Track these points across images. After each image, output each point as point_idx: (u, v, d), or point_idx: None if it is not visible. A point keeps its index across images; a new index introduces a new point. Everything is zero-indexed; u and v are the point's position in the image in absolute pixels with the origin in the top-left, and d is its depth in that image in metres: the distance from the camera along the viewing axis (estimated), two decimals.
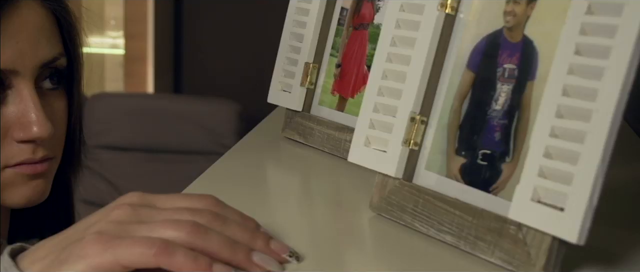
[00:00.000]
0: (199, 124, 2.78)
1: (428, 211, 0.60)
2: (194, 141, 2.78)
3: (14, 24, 0.71)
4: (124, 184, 2.74)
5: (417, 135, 0.63)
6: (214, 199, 0.55)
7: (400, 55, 0.64)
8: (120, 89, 3.09)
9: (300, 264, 0.54)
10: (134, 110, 2.80)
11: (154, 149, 2.80)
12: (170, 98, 3.01)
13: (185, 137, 2.78)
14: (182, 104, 2.88)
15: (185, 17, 3.11)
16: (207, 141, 2.77)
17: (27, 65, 0.72)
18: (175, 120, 2.79)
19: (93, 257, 0.50)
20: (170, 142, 2.79)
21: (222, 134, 2.77)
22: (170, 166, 2.78)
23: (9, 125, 0.72)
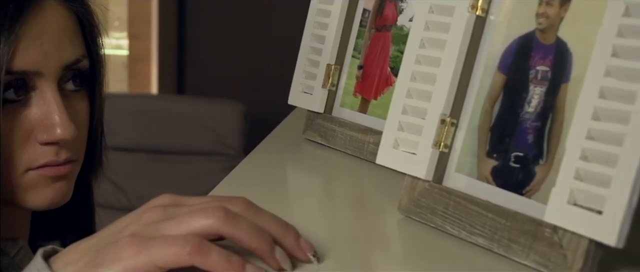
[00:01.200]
0: (203, 125, 2.77)
1: (459, 213, 0.60)
2: (197, 141, 2.77)
3: (38, 26, 0.71)
4: (127, 185, 2.73)
5: (447, 137, 0.63)
6: (246, 200, 0.54)
7: (429, 57, 0.64)
8: (124, 90, 3.08)
9: (330, 266, 0.54)
10: (137, 111, 2.79)
11: (158, 149, 2.79)
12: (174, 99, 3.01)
13: (189, 138, 2.78)
14: (186, 104, 2.87)
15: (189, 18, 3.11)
16: (211, 141, 2.77)
17: (50, 67, 0.72)
18: (179, 121, 2.78)
19: (128, 259, 0.50)
20: (174, 143, 2.79)
21: (226, 135, 2.77)
22: (174, 166, 2.77)
23: (32, 127, 0.72)
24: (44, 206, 0.75)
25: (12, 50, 0.69)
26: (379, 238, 0.64)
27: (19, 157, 0.72)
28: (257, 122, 2.87)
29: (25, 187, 0.73)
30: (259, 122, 2.88)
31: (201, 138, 2.76)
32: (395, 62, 0.80)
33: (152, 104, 2.87)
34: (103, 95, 0.80)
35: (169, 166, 2.77)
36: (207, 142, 2.76)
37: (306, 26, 0.88)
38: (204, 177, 2.74)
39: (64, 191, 0.76)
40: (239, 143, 2.77)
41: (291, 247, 0.53)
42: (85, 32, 0.77)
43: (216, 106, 2.82)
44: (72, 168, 0.76)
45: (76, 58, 0.75)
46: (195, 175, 2.74)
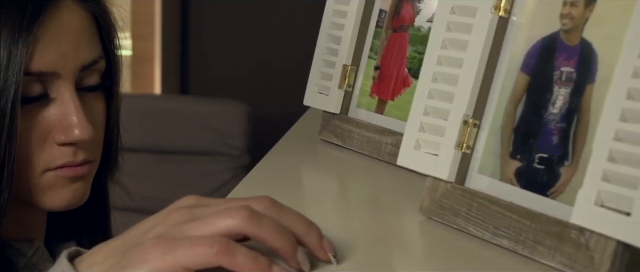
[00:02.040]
0: (207, 125, 2.77)
1: (482, 214, 0.60)
2: (202, 141, 2.77)
3: (56, 27, 0.71)
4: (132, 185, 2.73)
5: (469, 138, 0.63)
6: (270, 198, 0.54)
7: (451, 58, 0.64)
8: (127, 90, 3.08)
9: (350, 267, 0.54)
10: (141, 111, 2.79)
11: (162, 150, 2.79)
12: (178, 99, 3.00)
13: (193, 138, 2.78)
14: (190, 105, 2.87)
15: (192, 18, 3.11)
16: (215, 142, 2.77)
17: (68, 68, 0.72)
18: (183, 121, 2.78)
19: (154, 261, 0.50)
20: (178, 143, 2.78)
21: (230, 135, 2.77)
22: (178, 166, 2.77)
23: (50, 128, 0.72)
24: (61, 207, 0.75)
25: (30, 52, 0.69)
26: (400, 239, 0.64)
27: (36, 158, 0.72)
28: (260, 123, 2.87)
29: (43, 188, 0.73)
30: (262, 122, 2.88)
31: (205, 138, 2.76)
32: (412, 62, 0.80)
33: (156, 104, 2.86)
34: (119, 95, 0.80)
35: (172, 166, 2.77)
36: (210, 142, 2.76)
37: (322, 27, 0.88)
38: (208, 177, 2.74)
39: (82, 191, 0.76)
40: (242, 143, 2.77)
41: (314, 246, 0.53)
42: (102, 33, 0.77)
43: (220, 106, 2.81)
44: (90, 169, 0.76)
45: (93, 59, 0.74)
46: (199, 175, 2.74)
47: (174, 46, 3.15)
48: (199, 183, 2.73)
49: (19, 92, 0.68)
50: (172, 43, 3.12)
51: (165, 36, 3.05)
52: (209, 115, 2.78)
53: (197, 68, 3.14)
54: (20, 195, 0.72)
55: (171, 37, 3.11)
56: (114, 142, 0.81)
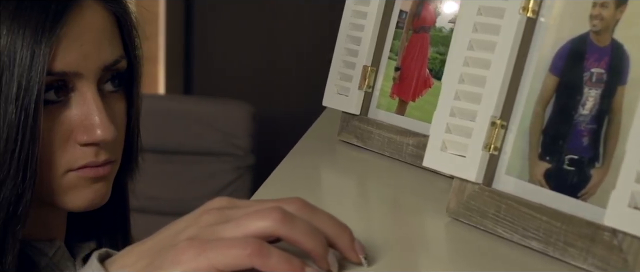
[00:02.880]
0: (212, 125, 2.77)
1: (511, 216, 0.60)
2: (206, 142, 2.77)
3: (78, 27, 0.71)
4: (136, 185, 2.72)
5: (497, 139, 0.63)
6: (302, 200, 0.54)
7: (478, 59, 0.64)
8: None
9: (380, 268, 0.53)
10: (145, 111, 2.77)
11: (166, 150, 2.79)
12: (183, 99, 3.00)
13: (198, 139, 2.77)
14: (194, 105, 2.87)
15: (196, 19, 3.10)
16: (220, 142, 2.77)
17: (90, 68, 0.72)
18: (187, 121, 2.78)
19: (188, 262, 0.50)
20: (183, 143, 2.78)
21: (235, 135, 2.77)
22: (183, 167, 2.77)
23: (72, 128, 0.72)
24: (83, 207, 0.75)
25: (53, 52, 0.68)
26: (428, 241, 0.63)
27: (59, 158, 0.72)
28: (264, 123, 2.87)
29: (65, 188, 0.73)
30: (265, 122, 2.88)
31: (209, 138, 2.76)
32: (433, 63, 0.79)
33: (160, 105, 2.86)
34: (140, 96, 0.80)
35: (176, 166, 2.77)
36: (215, 142, 2.76)
37: (341, 28, 0.88)
38: (213, 177, 2.74)
39: (103, 192, 0.76)
40: (247, 144, 2.77)
41: (345, 247, 0.53)
42: (124, 33, 0.76)
43: (225, 107, 2.81)
44: (111, 169, 0.76)
45: (115, 59, 0.74)
46: (204, 175, 2.74)
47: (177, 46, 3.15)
48: (204, 183, 2.73)
49: (42, 92, 0.68)
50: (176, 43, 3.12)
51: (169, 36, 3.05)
52: (213, 115, 2.78)
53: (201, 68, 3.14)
54: (42, 195, 0.72)
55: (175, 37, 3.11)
56: (134, 143, 0.81)
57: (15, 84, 0.67)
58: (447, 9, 0.79)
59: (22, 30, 0.68)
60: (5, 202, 0.69)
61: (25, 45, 0.68)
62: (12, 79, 0.67)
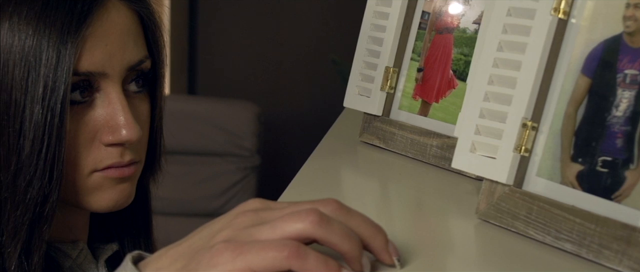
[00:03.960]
0: (217, 126, 2.76)
1: (543, 218, 0.60)
2: (211, 142, 2.76)
3: (103, 27, 0.70)
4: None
5: (528, 141, 0.62)
6: (337, 201, 0.54)
7: (508, 61, 0.64)
8: None
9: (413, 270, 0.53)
10: None
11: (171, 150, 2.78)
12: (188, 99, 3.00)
13: (203, 139, 2.77)
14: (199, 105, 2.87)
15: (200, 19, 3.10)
16: (225, 142, 2.76)
17: (115, 68, 0.72)
18: (193, 122, 2.77)
19: (224, 265, 0.49)
20: (188, 143, 2.78)
21: (240, 136, 2.76)
22: (188, 167, 2.77)
23: (97, 128, 0.72)
24: (107, 208, 0.75)
25: (79, 52, 0.68)
26: (458, 243, 0.63)
27: (84, 159, 0.72)
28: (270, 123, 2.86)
29: (90, 189, 0.73)
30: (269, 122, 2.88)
31: (215, 139, 2.75)
32: (457, 64, 0.79)
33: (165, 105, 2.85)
34: (164, 96, 0.80)
35: (182, 167, 2.77)
36: (221, 143, 2.75)
37: (362, 29, 0.87)
38: (218, 178, 2.73)
39: (128, 192, 0.75)
40: (253, 144, 2.76)
41: (379, 249, 0.53)
42: (148, 33, 0.76)
43: (230, 107, 2.81)
44: (136, 170, 0.76)
45: (139, 59, 0.74)
46: (209, 176, 2.74)
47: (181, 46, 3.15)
48: (209, 184, 2.72)
49: (68, 93, 0.68)
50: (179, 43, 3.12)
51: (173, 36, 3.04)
52: (218, 115, 2.78)
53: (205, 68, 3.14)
54: (67, 196, 0.72)
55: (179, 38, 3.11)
56: (157, 144, 0.81)
57: (42, 85, 0.67)
58: (472, 10, 0.79)
59: (48, 31, 0.67)
60: (32, 203, 0.68)
61: (51, 45, 0.67)
62: (38, 80, 0.67)
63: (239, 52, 3.02)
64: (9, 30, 0.67)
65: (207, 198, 2.73)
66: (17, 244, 0.69)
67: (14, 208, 0.69)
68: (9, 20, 0.67)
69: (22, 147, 0.68)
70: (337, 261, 0.50)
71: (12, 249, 0.69)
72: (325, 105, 3.01)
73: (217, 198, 2.75)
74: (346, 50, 2.86)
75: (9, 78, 0.67)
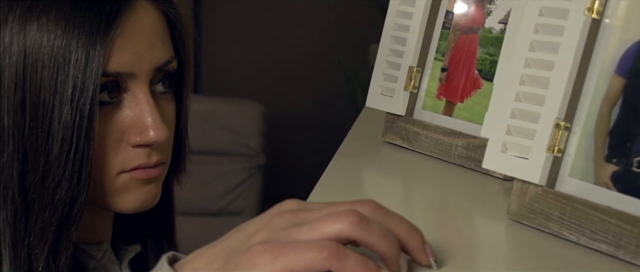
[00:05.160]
0: (222, 125, 2.76)
1: (578, 219, 0.59)
2: (217, 141, 2.76)
3: (132, 27, 0.70)
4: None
5: (561, 141, 0.62)
6: (374, 202, 0.54)
7: (541, 61, 0.64)
8: None
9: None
10: None
11: None
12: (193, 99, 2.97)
13: (208, 138, 2.77)
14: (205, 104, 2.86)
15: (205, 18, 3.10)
16: (231, 142, 2.76)
17: (143, 69, 0.71)
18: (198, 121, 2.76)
19: (264, 265, 0.49)
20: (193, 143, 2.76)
21: (245, 135, 2.76)
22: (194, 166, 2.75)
23: (124, 129, 0.72)
24: (134, 209, 0.75)
25: (107, 53, 0.68)
26: (492, 244, 0.63)
27: (111, 159, 0.71)
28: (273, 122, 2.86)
29: (117, 190, 0.73)
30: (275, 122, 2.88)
31: (220, 138, 2.75)
32: (483, 64, 0.79)
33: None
34: (190, 97, 0.80)
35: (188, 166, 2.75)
36: (226, 142, 2.75)
37: (385, 28, 0.87)
38: (224, 177, 2.73)
39: (154, 193, 0.75)
40: (258, 143, 2.76)
41: (416, 250, 0.53)
42: (174, 33, 0.76)
43: (235, 106, 2.81)
44: (162, 170, 0.75)
45: (167, 59, 0.74)
46: (215, 175, 2.73)
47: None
48: (214, 183, 2.72)
49: (97, 93, 0.68)
50: None
51: None
52: (224, 115, 2.78)
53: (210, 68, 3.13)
54: (94, 197, 0.72)
55: None
56: (183, 145, 0.81)
57: (71, 85, 0.67)
58: (498, 9, 0.78)
59: (77, 31, 0.67)
60: (60, 204, 0.68)
61: (81, 46, 0.67)
62: (67, 80, 0.67)
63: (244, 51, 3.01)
64: (37, 31, 0.67)
65: (212, 197, 2.73)
66: (45, 245, 0.69)
67: (42, 209, 0.68)
68: (38, 21, 0.67)
69: (51, 148, 0.68)
70: (376, 262, 0.50)
71: (39, 250, 0.69)
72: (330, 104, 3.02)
73: (222, 197, 2.75)
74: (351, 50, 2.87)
75: (38, 79, 0.67)
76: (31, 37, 0.67)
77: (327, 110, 3.03)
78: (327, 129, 3.03)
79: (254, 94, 2.87)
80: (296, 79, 3.02)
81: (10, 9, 0.68)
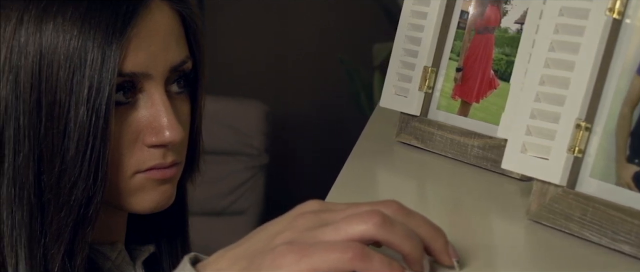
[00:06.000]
0: (225, 125, 2.76)
1: (599, 219, 0.59)
2: (220, 141, 2.76)
3: (147, 27, 0.70)
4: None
5: (581, 142, 0.62)
6: (398, 203, 0.53)
7: (561, 61, 0.63)
8: None
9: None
10: None
11: None
12: None
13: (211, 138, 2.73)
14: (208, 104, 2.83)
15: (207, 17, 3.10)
16: (234, 141, 2.76)
17: (158, 69, 0.71)
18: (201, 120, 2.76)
19: (289, 266, 0.49)
20: None
21: (248, 135, 2.76)
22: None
23: (140, 129, 0.71)
24: (149, 209, 0.74)
25: (123, 53, 0.68)
26: (513, 245, 0.63)
27: (127, 160, 0.71)
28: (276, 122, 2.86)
29: (133, 190, 0.72)
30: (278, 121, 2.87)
31: (223, 138, 2.75)
32: (499, 64, 0.79)
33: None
34: (204, 97, 0.80)
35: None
36: (229, 141, 2.75)
37: (399, 28, 0.87)
38: (227, 176, 2.73)
39: (169, 194, 0.75)
40: (261, 143, 2.76)
41: (439, 251, 0.53)
42: (189, 33, 0.76)
43: (238, 106, 2.80)
44: (177, 171, 0.75)
45: (182, 59, 0.74)
46: (218, 174, 2.73)
47: None
48: (217, 182, 2.72)
49: (113, 94, 0.68)
50: None
51: None
52: (227, 114, 2.77)
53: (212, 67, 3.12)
54: (109, 197, 0.71)
55: None
56: (197, 145, 0.80)
57: (87, 86, 0.67)
58: (514, 9, 0.78)
59: (93, 32, 0.67)
60: (76, 205, 0.68)
61: (97, 46, 0.67)
62: (83, 81, 0.67)
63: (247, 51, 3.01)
64: (53, 31, 0.67)
65: (215, 197, 2.73)
66: (61, 246, 0.69)
67: (58, 210, 0.68)
68: (53, 21, 0.67)
69: (67, 149, 0.67)
70: (400, 263, 0.50)
71: (55, 251, 0.69)
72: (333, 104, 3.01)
73: (225, 197, 2.75)
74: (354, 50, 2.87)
75: (54, 79, 0.67)
76: (47, 38, 0.67)
77: (329, 109, 3.03)
78: (329, 128, 3.03)
79: (256, 93, 2.87)
80: (299, 78, 3.02)
81: (26, 9, 0.68)
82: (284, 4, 2.95)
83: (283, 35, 2.99)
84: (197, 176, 0.83)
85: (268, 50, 3.01)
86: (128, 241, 0.81)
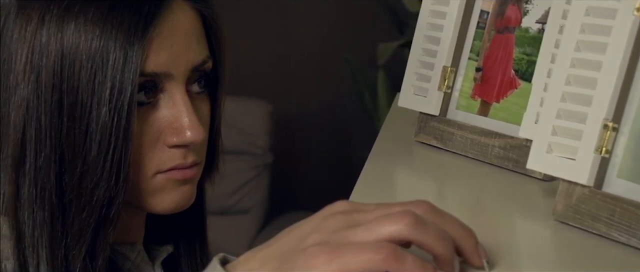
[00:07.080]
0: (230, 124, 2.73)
1: (628, 220, 0.59)
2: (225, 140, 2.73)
3: (169, 27, 0.70)
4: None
5: (608, 142, 0.62)
6: (429, 203, 0.53)
7: (587, 61, 0.63)
8: None
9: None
10: None
11: None
12: None
13: None
14: None
15: None
16: (239, 140, 2.75)
17: (180, 69, 0.71)
18: None
19: (320, 267, 0.49)
20: None
21: (253, 134, 2.76)
22: None
23: (161, 130, 0.71)
24: (169, 210, 0.74)
25: (145, 53, 0.68)
26: (540, 245, 0.63)
27: (148, 160, 0.71)
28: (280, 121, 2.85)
29: (154, 190, 0.72)
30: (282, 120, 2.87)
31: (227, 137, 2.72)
32: (519, 64, 0.78)
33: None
34: (224, 97, 0.79)
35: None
36: (233, 141, 2.74)
37: (417, 28, 0.87)
38: (231, 175, 2.72)
39: (190, 194, 0.75)
40: (265, 142, 2.76)
41: (470, 251, 0.52)
42: (210, 33, 0.75)
43: (243, 105, 2.80)
44: (197, 171, 0.75)
45: (203, 59, 0.73)
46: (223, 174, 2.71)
47: None
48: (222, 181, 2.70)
49: (134, 94, 0.67)
50: None
51: None
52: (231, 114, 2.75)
53: None
54: (130, 198, 0.71)
55: None
56: (217, 145, 0.80)
57: (109, 86, 0.67)
58: (535, 9, 0.78)
59: (115, 32, 0.67)
60: (98, 205, 0.68)
61: (118, 46, 0.67)
62: (105, 81, 0.67)
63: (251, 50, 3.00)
64: (75, 31, 0.67)
65: (219, 196, 2.72)
66: (82, 246, 0.68)
67: (80, 210, 0.68)
68: (75, 20, 0.67)
69: (89, 149, 0.67)
70: (432, 264, 0.50)
71: (77, 251, 0.68)
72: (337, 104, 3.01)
73: (230, 196, 2.75)
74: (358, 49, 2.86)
75: (75, 79, 0.67)
76: (69, 38, 0.67)
77: (333, 109, 3.02)
78: (333, 128, 3.02)
79: (261, 92, 2.86)
80: (303, 78, 3.01)
81: (47, 9, 0.67)
82: (289, 3, 2.94)
83: (287, 35, 2.98)
84: (216, 176, 0.82)
85: (272, 49, 3.00)
86: (146, 241, 0.81)
